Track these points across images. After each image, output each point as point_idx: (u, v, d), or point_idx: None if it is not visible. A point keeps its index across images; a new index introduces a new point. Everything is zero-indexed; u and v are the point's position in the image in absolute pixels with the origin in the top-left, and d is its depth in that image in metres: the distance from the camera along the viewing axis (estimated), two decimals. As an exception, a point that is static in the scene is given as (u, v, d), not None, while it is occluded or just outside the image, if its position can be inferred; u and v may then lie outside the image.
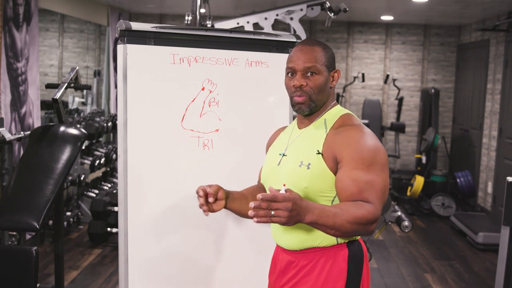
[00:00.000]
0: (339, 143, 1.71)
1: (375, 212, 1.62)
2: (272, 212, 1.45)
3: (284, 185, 1.51)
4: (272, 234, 1.88)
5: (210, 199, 1.80)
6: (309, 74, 1.77)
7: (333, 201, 1.72)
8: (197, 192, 1.80)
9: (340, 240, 1.74)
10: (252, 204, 1.45)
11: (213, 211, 1.84)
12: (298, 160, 1.76)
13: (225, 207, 1.89)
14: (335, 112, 1.82)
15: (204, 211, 1.81)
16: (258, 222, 1.46)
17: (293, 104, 1.81)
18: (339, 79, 1.84)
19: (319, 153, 1.73)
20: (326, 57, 1.79)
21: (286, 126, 2.01)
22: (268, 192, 1.52)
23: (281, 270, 1.85)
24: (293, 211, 1.47)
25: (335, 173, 1.70)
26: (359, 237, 1.80)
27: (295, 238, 1.76)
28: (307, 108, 1.78)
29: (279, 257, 1.88)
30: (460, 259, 4.98)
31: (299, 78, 1.77)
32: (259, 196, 1.45)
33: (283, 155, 1.84)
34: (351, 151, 1.68)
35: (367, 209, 1.61)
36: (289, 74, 1.81)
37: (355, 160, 1.66)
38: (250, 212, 1.46)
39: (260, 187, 2.02)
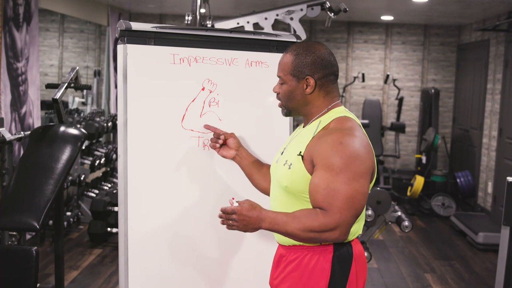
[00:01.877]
0: (317, 147, 1.71)
1: (330, 222, 1.63)
2: (230, 222, 1.73)
3: (233, 198, 1.81)
4: None
5: (220, 140, 2.13)
6: (280, 83, 1.87)
7: None
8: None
9: (325, 242, 1.74)
10: (218, 214, 1.77)
11: (218, 152, 2.18)
12: (285, 159, 1.81)
13: (235, 159, 2.16)
14: (331, 115, 1.81)
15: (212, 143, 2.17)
16: (227, 228, 1.77)
17: None
18: (315, 85, 1.79)
19: (300, 154, 1.75)
20: (293, 66, 1.81)
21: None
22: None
23: (275, 263, 1.91)
24: (241, 222, 1.71)
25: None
26: (353, 239, 1.79)
27: None
28: (283, 112, 1.91)
29: (276, 251, 1.94)
30: (460, 259, 4.98)
31: (276, 85, 1.90)
32: (220, 208, 1.75)
33: (282, 153, 1.89)
34: (324, 157, 1.68)
35: (319, 219, 1.64)
36: None
37: (326, 166, 1.66)
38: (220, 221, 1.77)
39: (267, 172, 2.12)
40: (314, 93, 1.81)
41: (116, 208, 4.94)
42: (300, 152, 1.75)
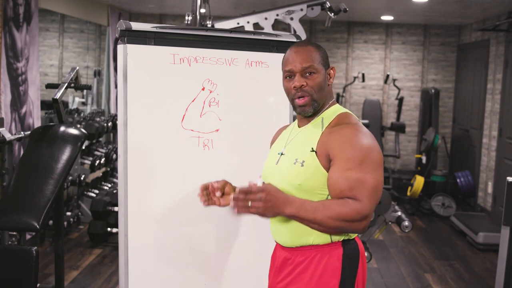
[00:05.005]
0: (332, 141, 1.71)
1: (362, 210, 1.63)
2: (249, 203, 1.56)
3: (260, 177, 1.63)
4: (271, 230, 1.89)
5: (218, 193, 1.87)
6: (307, 74, 1.78)
7: (327, 198, 1.73)
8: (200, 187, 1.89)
9: (335, 239, 1.74)
10: (231, 196, 1.58)
11: (220, 204, 1.91)
12: (294, 158, 1.78)
13: None
14: (333, 111, 1.83)
15: (202, 202, 1.91)
16: (238, 212, 1.58)
17: (295, 107, 1.82)
18: (335, 76, 1.85)
19: (313, 150, 1.74)
20: (321, 56, 1.81)
21: (289, 125, 2.02)
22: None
23: (278, 266, 1.87)
24: (268, 202, 1.57)
25: (328, 170, 1.71)
26: (355, 236, 1.80)
27: (291, 235, 1.78)
28: (310, 108, 1.80)
29: (277, 254, 1.90)
30: (460, 259, 4.98)
31: (299, 79, 1.78)
32: (237, 188, 1.56)
33: (281, 154, 1.86)
34: (343, 149, 1.68)
35: (351, 207, 1.63)
36: (287, 77, 1.82)
37: (347, 158, 1.67)
38: (230, 204, 1.58)
39: None
40: (330, 85, 1.85)
41: (116, 208, 4.94)
42: (313, 148, 1.74)
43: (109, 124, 5.77)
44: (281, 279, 1.84)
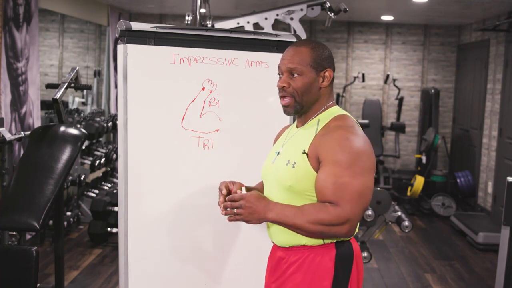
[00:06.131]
0: (323, 144, 1.71)
1: (341, 215, 1.64)
2: (235, 211, 1.70)
3: (243, 185, 1.79)
4: (268, 231, 1.90)
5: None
6: (293, 75, 1.79)
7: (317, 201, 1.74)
8: (220, 189, 1.85)
9: (327, 240, 1.74)
10: (222, 205, 1.74)
11: None
12: (286, 159, 1.78)
13: None
14: (330, 113, 1.82)
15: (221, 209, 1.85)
16: (229, 220, 1.73)
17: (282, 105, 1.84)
18: (331, 78, 1.81)
19: (304, 152, 1.74)
20: (313, 58, 1.78)
21: (291, 125, 2.02)
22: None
23: (273, 266, 1.88)
24: (248, 208, 1.69)
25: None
26: (350, 237, 1.79)
27: (285, 235, 1.78)
28: (292, 109, 1.81)
29: (273, 254, 1.91)
30: (460, 259, 4.98)
31: (283, 79, 1.80)
32: (227, 197, 1.72)
33: (278, 153, 1.87)
34: (331, 152, 1.68)
35: (329, 211, 1.64)
36: (278, 75, 1.84)
37: (334, 162, 1.67)
38: (221, 212, 1.74)
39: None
40: (326, 88, 1.82)
41: (116, 208, 4.94)
42: (304, 150, 1.74)
43: (109, 124, 5.77)
44: (275, 278, 1.85)
